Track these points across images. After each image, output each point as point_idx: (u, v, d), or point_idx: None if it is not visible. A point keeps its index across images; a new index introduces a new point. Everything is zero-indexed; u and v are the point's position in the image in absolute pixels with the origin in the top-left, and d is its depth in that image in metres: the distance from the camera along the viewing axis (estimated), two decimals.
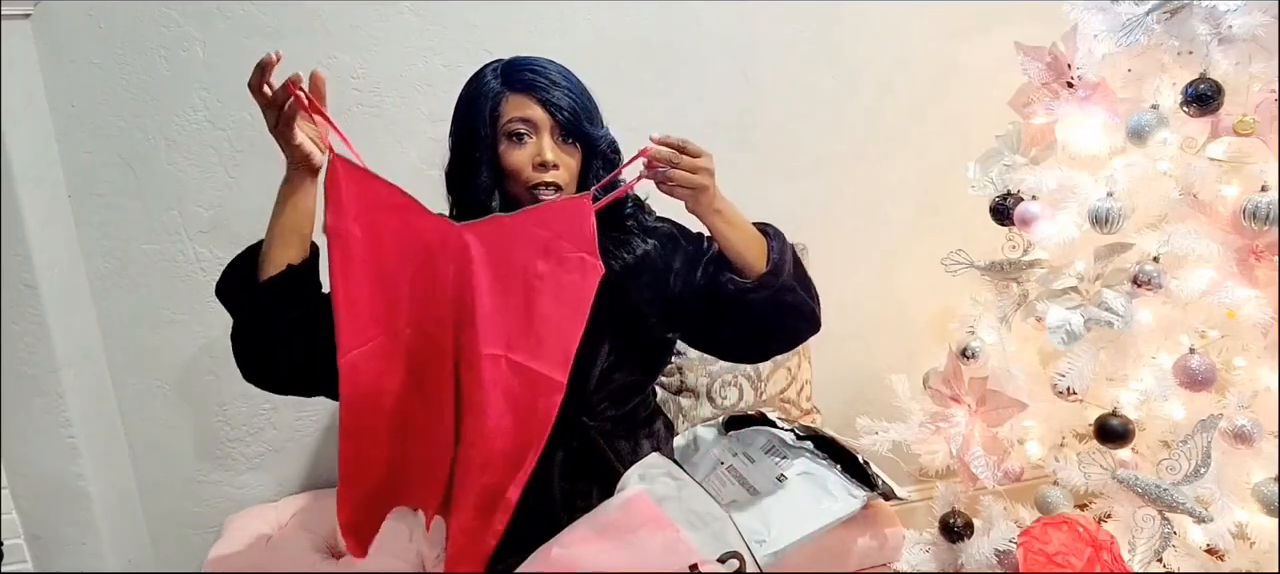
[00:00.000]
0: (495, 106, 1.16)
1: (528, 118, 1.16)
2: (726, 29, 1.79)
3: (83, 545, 1.56)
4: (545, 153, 1.15)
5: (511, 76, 1.17)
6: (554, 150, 1.16)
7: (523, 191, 1.18)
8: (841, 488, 1.53)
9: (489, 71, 1.19)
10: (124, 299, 1.63)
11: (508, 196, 1.20)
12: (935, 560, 1.72)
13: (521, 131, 1.16)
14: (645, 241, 1.28)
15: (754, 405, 1.80)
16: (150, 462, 1.73)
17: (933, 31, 1.91)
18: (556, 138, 1.17)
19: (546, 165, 1.16)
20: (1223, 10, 1.34)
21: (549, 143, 1.16)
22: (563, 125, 1.16)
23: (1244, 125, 1.36)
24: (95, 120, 1.53)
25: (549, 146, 1.16)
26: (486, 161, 1.18)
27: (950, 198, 1.87)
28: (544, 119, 1.16)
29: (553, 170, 1.16)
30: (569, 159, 1.18)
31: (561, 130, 1.17)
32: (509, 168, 1.17)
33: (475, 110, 1.18)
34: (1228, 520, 1.43)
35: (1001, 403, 1.57)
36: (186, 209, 1.61)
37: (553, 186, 1.16)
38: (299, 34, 1.56)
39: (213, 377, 1.70)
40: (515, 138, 1.16)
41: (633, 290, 1.25)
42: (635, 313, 1.27)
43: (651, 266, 1.27)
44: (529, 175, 1.16)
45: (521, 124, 1.16)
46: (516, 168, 1.17)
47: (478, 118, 1.17)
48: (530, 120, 1.16)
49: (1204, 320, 1.48)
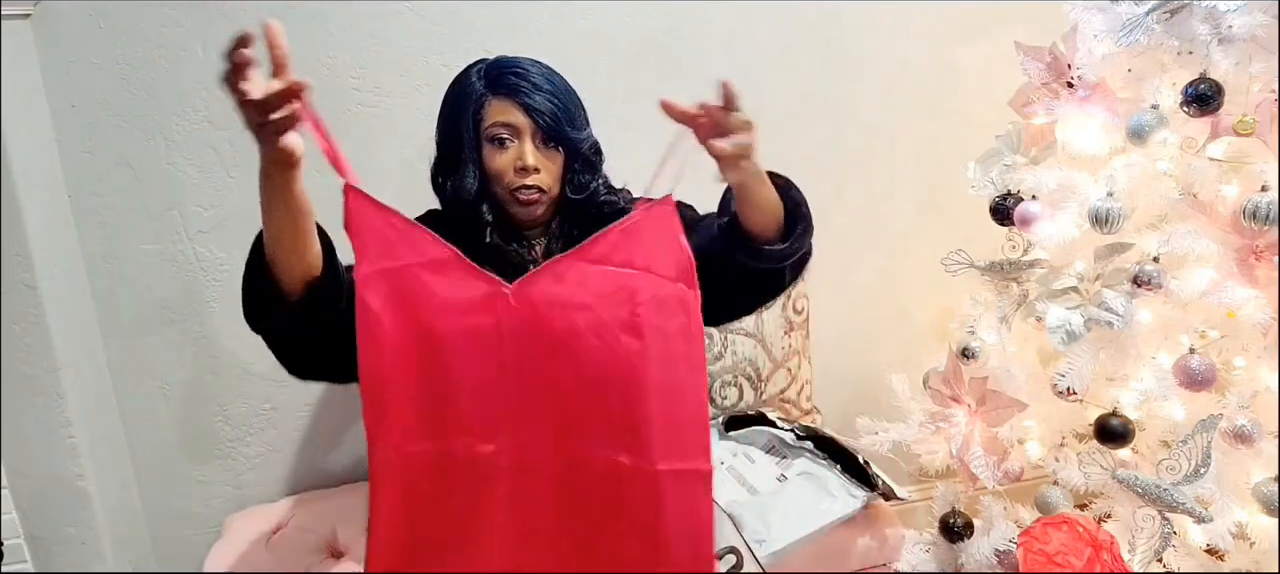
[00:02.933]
0: (478, 109, 1.16)
1: (509, 122, 1.15)
2: (726, 29, 1.79)
3: (83, 545, 1.56)
4: (526, 158, 1.15)
5: (495, 79, 1.17)
6: (535, 155, 1.16)
7: (505, 193, 1.18)
8: (841, 488, 1.53)
9: (473, 72, 1.19)
10: (124, 299, 1.63)
11: (493, 198, 1.20)
12: (935, 560, 1.72)
13: (504, 137, 1.16)
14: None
15: (754, 405, 1.80)
16: (150, 462, 1.73)
17: (933, 32, 1.91)
18: (538, 142, 1.17)
19: (527, 170, 1.16)
20: (1223, 10, 1.34)
21: (530, 147, 1.16)
22: (544, 130, 1.16)
23: (1244, 125, 1.36)
24: (95, 120, 1.53)
25: (530, 151, 1.16)
26: (472, 162, 1.18)
27: (950, 198, 1.87)
28: (525, 123, 1.15)
29: (534, 174, 1.16)
30: (551, 163, 1.18)
31: (543, 134, 1.16)
32: (491, 171, 1.17)
33: (459, 113, 1.18)
34: (1228, 520, 1.42)
35: (1001, 403, 1.57)
36: (186, 209, 1.61)
37: (535, 188, 1.17)
38: (299, 34, 1.56)
39: (213, 377, 1.70)
40: (497, 142, 1.16)
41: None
42: None
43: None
44: (511, 179, 1.16)
45: (503, 128, 1.16)
46: (498, 171, 1.17)
47: (461, 120, 1.17)
48: (511, 125, 1.15)
49: (1204, 320, 1.47)
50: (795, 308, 1.83)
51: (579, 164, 1.20)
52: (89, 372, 1.59)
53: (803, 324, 1.85)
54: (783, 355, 1.81)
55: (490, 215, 1.19)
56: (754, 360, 1.79)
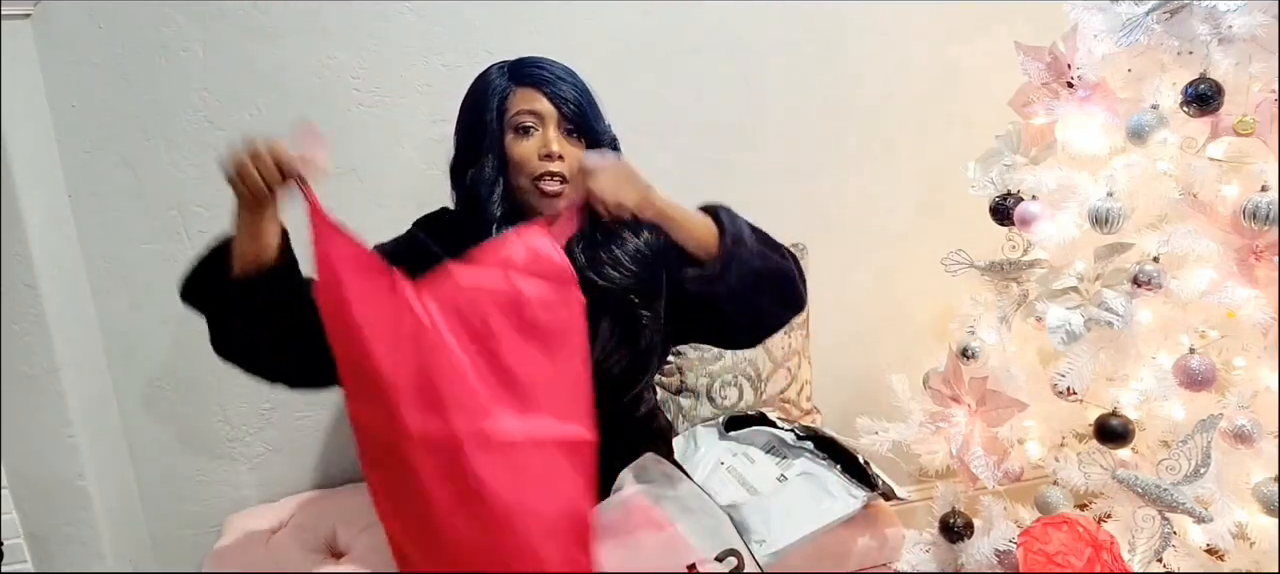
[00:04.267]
0: (503, 100, 1.20)
1: (535, 110, 1.19)
2: (726, 29, 1.79)
3: (83, 545, 1.56)
4: (551, 144, 1.19)
5: (518, 72, 1.21)
6: (560, 142, 1.19)
7: (528, 183, 1.20)
8: (841, 488, 1.53)
9: (494, 69, 1.23)
10: (124, 299, 1.63)
11: (512, 189, 1.21)
12: (935, 560, 1.72)
13: (528, 124, 1.19)
14: (636, 235, 1.28)
15: (754, 405, 1.80)
16: (150, 462, 1.73)
17: (933, 32, 1.91)
18: (562, 131, 1.20)
19: (552, 155, 1.18)
20: (1223, 10, 1.34)
21: (555, 134, 1.19)
22: (569, 118, 1.20)
23: (1244, 125, 1.36)
24: (95, 120, 1.53)
25: (555, 138, 1.19)
26: (493, 153, 1.20)
27: (950, 198, 1.87)
28: (551, 111, 1.19)
29: (558, 161, 1.19)
30: (574, 152, 1.20)
31: (567, 123, 1.20)
32: (515, 159, 1.20)
33: (483, 103, 1.21)
34: (1228, 520, 1.42)
35: (1001, 403, 1.57)
36: (186, 209, 1.61)
37: (558, 176, 1.19)
38: (299, 34, 1.56)
39: (213, 376, 1.70)
40: (522, 131, 1.20)
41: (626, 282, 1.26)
42: (629, 303, 1.27)
43: (643, 259, 1.27)
44: (535, 166, 1.19)
45: (529, 116, 1.19)
46: (523, 159, 1.19)
47: (485, 110, 1.20)
48: (537, 112, 1.19)
49: (1204, 320, 1.47)
50: None
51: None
52: (89, 372, 1.59)
53: (803, 324, 1.85)
54: (783, 355, 1.81)
55: (501, 208, 1.20)
56: (754, 360, 1.79)
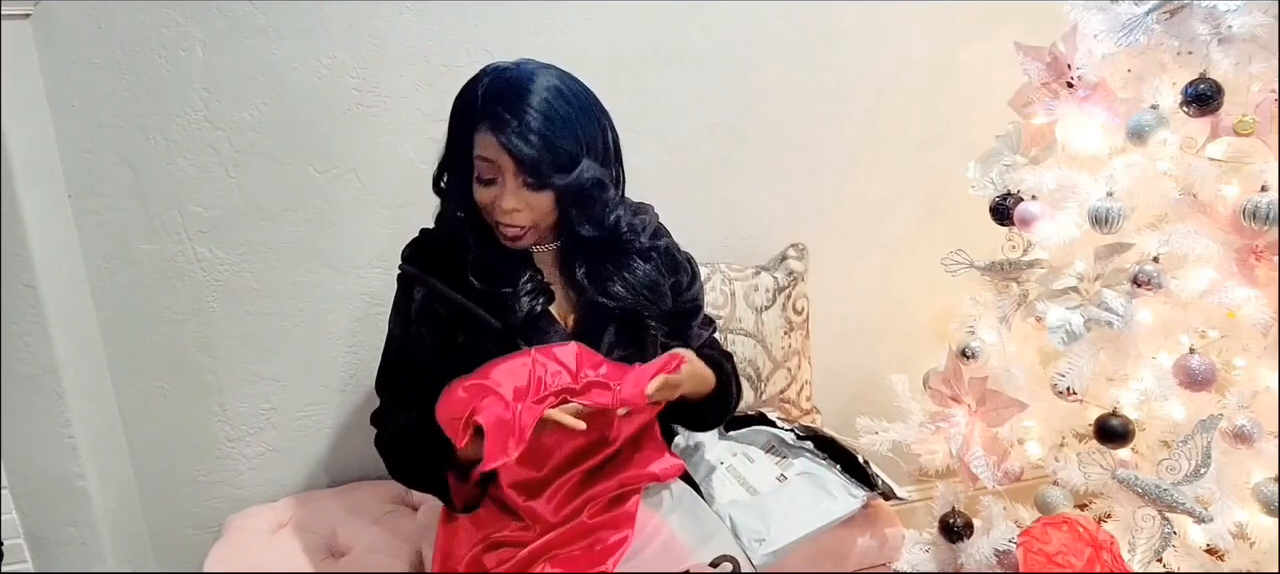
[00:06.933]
0: (471, 132, 1.14)
1: (493, 160, 1.13)
2: (726, 29, 1.79)
3: (83, 545, 1.56)
4: (505, 199, 1.14)
5: (488, 108, 1.12)
6: (517, 195, 1.14)
7: (491, 222, 1.19)
8: (841, 488, 1.53)
9: (479, 86, 1.14)
10: (124, 299, 1.63)
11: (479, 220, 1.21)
12: (935, 560, 1.72)
13: (489, 176, 1.14)
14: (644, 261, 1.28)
15: (754, 405, 1.80)
16: (150, 462, 1.73)
17: (933, 32, 1.90)
18: (520, 181, 1.13)
19: (506, 210, 1.15)
20: (1223, 10, 1.34)
21: (511, 188, 1.13)
22: (526, 172, 1.12)
23: (1244, 125, 1.36)
24: (95, 120, 1.53)
25: (511, 192, 1.14)
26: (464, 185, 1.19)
27: (950, 198, 1.87)
28: (508, 163, 1.12)
29: (515, 213, 1.15)
30: (538, 200, 1.15)
31: (526, 176, 1.13)
32: (477, 202, 1.18)
33: (458, 127, 1.17)
34: (1228, 520, 1.42)
35: (1001, 403, 1.57)
36: (186, 209, 1.61)
37: (516, 226, 1.17)
38: (299, 34, 1.56)
39: (213, 376, 1.70)
40: (481, 180, 1.15)
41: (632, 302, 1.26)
42: (639, 320, 1.27)
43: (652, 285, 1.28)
44: (493, 213, 1.17)
45: (487, 166, 1.14)
46: (482, 204, 1.17)
47: (461, 137, 1.16)
48: (494, 162, 1.13)
49: (1204, 320, 1.47)
50: (795, 308, 1.83)
51: (575, 205, 1.17)
52: (89, 372, 1.59)
53: (803, 324, 1.85)
54: (783, 355, 1.81)
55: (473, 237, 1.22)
56: (754, 360, 1.79)
